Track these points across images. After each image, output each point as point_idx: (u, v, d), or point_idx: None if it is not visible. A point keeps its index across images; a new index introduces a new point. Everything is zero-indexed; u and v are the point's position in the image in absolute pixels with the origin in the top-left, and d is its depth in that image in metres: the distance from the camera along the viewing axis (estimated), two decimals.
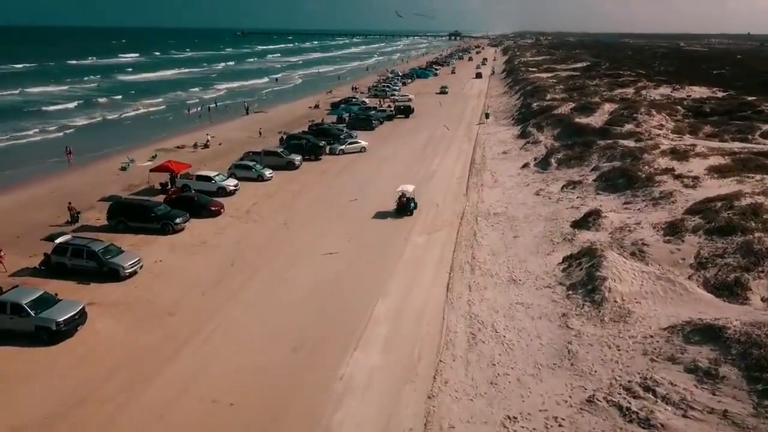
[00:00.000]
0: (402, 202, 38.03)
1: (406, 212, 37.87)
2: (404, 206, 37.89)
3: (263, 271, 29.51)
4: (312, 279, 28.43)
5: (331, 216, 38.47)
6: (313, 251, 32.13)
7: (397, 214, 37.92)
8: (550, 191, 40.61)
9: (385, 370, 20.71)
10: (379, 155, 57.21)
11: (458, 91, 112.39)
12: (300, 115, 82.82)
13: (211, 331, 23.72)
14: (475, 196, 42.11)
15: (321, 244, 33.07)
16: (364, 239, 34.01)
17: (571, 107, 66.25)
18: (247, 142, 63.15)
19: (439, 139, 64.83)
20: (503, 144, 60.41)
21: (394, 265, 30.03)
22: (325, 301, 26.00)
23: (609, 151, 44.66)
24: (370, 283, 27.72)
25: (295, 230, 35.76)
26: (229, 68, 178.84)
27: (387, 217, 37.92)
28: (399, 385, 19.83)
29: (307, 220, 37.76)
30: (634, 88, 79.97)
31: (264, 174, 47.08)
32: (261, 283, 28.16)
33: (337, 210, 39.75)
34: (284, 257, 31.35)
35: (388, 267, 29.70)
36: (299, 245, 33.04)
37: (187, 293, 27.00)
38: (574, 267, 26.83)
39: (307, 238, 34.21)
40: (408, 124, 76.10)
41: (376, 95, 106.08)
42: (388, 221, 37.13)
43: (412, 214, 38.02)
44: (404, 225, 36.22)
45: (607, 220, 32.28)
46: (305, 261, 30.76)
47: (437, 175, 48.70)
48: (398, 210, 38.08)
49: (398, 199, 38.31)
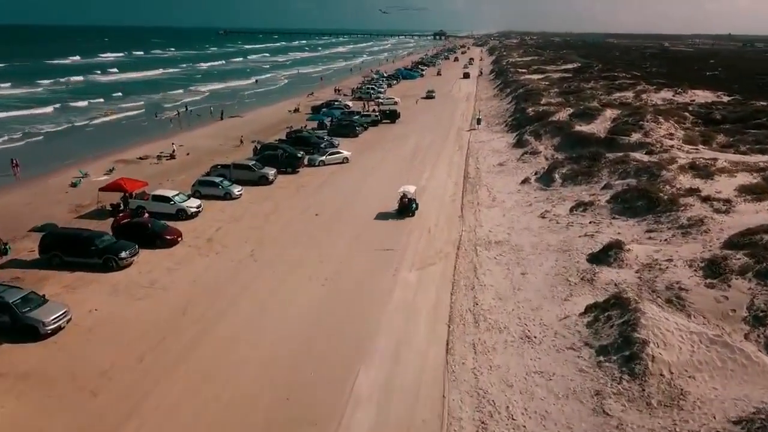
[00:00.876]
0: (404, 203, 37.69)
1: (407, 213, 37.48)
2: (406, 207, 37.53)
3: (220, 325, 24.10)
4: (277, 337, 23.06)
5: (306, 243, 33.17)
6: (281, 294, 26.81)
7: (398, 215, 37.55)
8: (557, 213, 35.66)
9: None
10: (363, 167, 51.98)
11: (446, 93, 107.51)
12: (278, 120, 77.28)
13: (144, 418, 18.33)
14: (471, 218, 37.06)
15: (291, 285, 27.76)
16: (345, 276, 28.75)
17: (569, 113, 61.55)
18: (218, 152, 57.61)
19: (427, 148, 59.75)
20: (498, 154, 55.47)
21: (379, 313, 24.80)
22: (293, 373, 20.66)
23: (621, 166, 39.83)
24: (350, 342, 22.44)
25: (263, 263, 30.40)
26: (215, 68, 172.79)
27: (371, 247, 32.72)
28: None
29: (278, 249, 32.41)
30: (634, 91, 75.55)
31: (232, 192, 41.60)
32: (215, 343, 22.75)
33: (315, 235, 34.47)
34: (247, 303, 25.95)
35: (373, 317, 24.47)
36: (266, 287, 27.66)
37: (122, 358, 21.52)
38: (602, 322, 21.81)
39: (276, 276, 28.85)
40: (394, 130, 70.92)
41: (360, 98, 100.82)
42: (372, 250, 31.90)
43: (414, 215, 37.50)
44: (392, 258, 31.02)
45: (630, 254, 27.36)
46: (271, 310, 25.42)
47: (428, 191, 43.58)
48: (400, 211, 37.73)
49: (400, 199, 37.94)
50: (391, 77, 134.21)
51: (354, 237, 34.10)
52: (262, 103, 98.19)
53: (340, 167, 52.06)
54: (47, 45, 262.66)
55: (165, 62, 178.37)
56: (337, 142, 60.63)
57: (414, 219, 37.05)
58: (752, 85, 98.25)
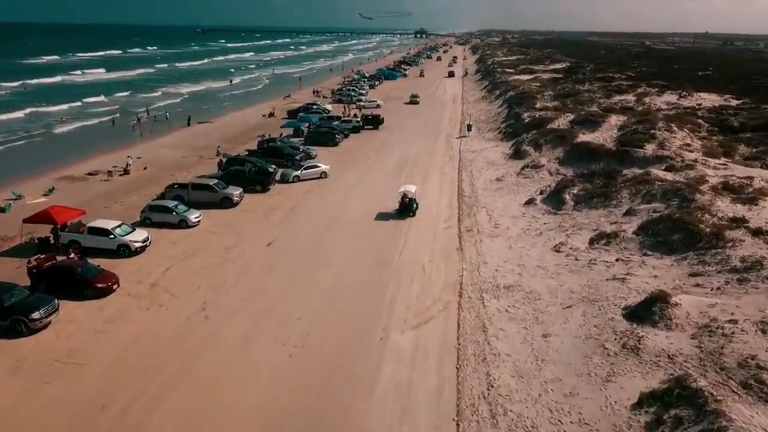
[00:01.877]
0: (404, 202, 36.99)
1: (408, 213, 36.80)
2: (407, 207, 36.88)
3: (148, 426, 17.90)
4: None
5: (274, 289, 27.05)
6: (235, 372, 20.67)
7: (399, 215, 36.87)
8: (574, 247, 29.94)
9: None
10: (343, 183, 45.87)
11: (430, 95, 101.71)
12: (250, 126, 70.81)
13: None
14: (472, 251, 31.20)
15: (251, 356, 21.62)
16: (321, 339, 22.69)
17: (569, 119, 56.10)
18: (181, 165, 51.14)
19: (415, 159, 53.82)
20: (494, 167, 49.76)
21: (365, 405, 18.75)
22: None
23: (643, 187, 34.26)
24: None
25: (217, 320, 24.21)
26: (194, 68, 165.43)
27: (355, 295, 26.70)
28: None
29: (238, 299, 26.24)
30: (634, 94, 70.41)
31: (188, 218, 35.25)
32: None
33: (284, 277, 28.36)
34: (189, 389, 19.70)
35: (355, 412, 18.45)
36: (217, 359, 21.48)
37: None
38: (668, 426, 16.05)
39: (232, 340, 22.69)
40: (378, 138, 64.88)
41: (340, 100, 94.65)
42: (354, 303, 25.88)
43: (415, 215, 36.86)
44: (380, 310, 25.01)
45: (680, 311, 21.71)
46: (220, 398, 19.26)
47: (419, 215, 37.68)
48: (400, 211, 37.08)
49: (401, 199, 37.32)
50: (373, 78, 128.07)
51: (333, 280, 28.04)
52: (236, 106, 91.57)
53: (318, 183, 45.91)
54: (19, 44, 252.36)
55: (143, 62, 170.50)
56: (314, 153, 54.49)
57: (406, 254, 31.12)
58: (748, 86, 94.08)
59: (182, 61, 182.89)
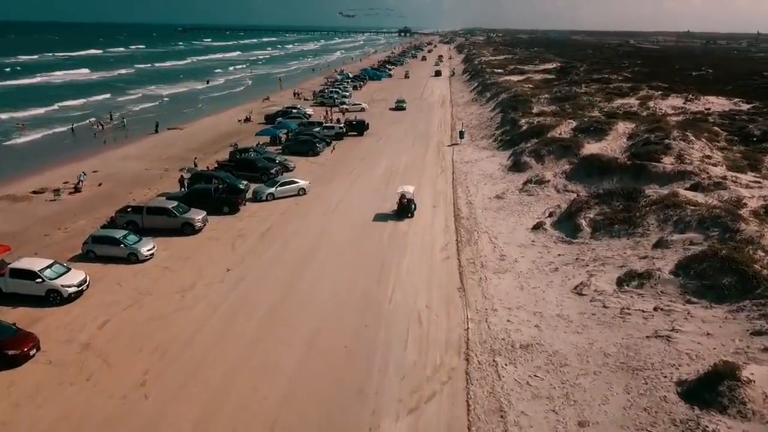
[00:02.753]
0: (403, 203, 36.33)
1: (407, 214, 36.16)
2: (405, 207, 36.21)
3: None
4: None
5: (236, 352, 21.75)
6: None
7: (397, 216, 36.22)
8: (599, 288, 24.97)
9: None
10: (324, 201, 40.61)
11: (418, 98, 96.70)
12: (223, 133, 65.27)
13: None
14: (477, 291, 26.13)
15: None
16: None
17: (572, 127, 51.35)
18: (142, 180, 45.63)
19: (405, 171, 48.66)
20: (492, 180, 44.77)
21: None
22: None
23: (673, 212, 29.37)
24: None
25: (160, 402, 18.85)
26: (177, 67, 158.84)
27: (336, 358, 21.49)
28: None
29: (190, 365, 20.92)
30: (637, 98, 65.80)
31: (139, 251, 29.74)
32: None
33: (249, 331, 23.07)
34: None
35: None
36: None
37: None
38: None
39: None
40: (363, 146, 59.66)
41: (322, 103, 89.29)
42: (335, 374, 20.66)
43: (413, 216, 36.16)
44: (368, 385, 19.83)
45: (755, 391, 16.84)
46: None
47: (411, 240, 32.62)
48: (399, 212, 36.40)
49: (399, 200, 36.65)
50: (357, 78, 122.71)
51: (310, 337, 22.79)
52: (211, 110, 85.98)
53: (295, 202, 40.60)
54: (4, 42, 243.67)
55: (124, 61, 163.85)
56: (292, 165, 49.14)
57: (397, 296, 25.99)
58: (751, 88, 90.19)
59: (164, 60, 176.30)
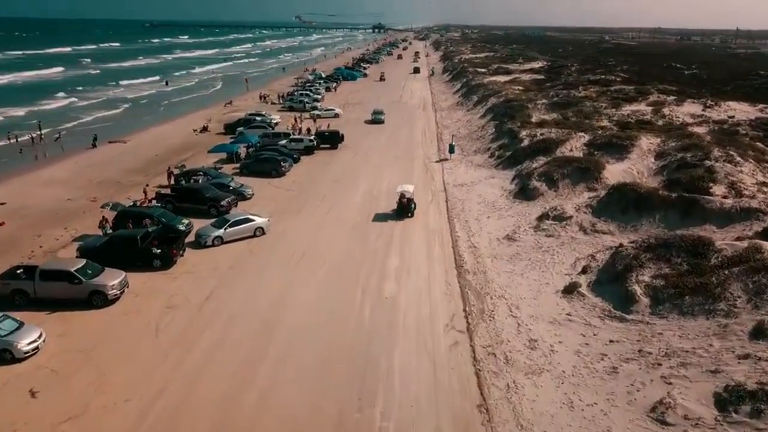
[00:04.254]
0: (403, 203, 35.13)
1: (407, 213, 35.01)
2: (406, 207, 35.01)
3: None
4: None
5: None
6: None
7: (397, 216, 34.96)
8: (691, 415, 16.63)
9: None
10: (287, 245, 31.69)
11: (396, 102, 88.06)
12: (174, 147, 55.85)
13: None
14: (509, 416, 17.63)
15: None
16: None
17: (584, 141, 43.33)
18: (60, 215, 36.15)
19: (387, 197, 39.95)
20: (495, 211, 36.40)
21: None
22: None
23: (766, 278, 21.24)
24: None
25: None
26: (136, 66, 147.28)
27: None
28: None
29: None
30: (647, 104, 58.00)
31: (15, 346, 20.47)
32: None
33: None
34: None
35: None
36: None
37: None
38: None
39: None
40: (336, 163, 50.81)
41: (291, 108, 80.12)
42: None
43: (413, 216, 35.00)
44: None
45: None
46: None
47: (403, 317, 23.98)
48: (398, 212, 35.21)
49: (398, 200, 35.43)
50: (330, 79, 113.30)
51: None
52: (165, 117, 76.00)
53: (250, 247, 31.64)
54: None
55: (66, 61, 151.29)
56: (249, 192, 40.09)
57: (390, 427, 17.39)
58: (753, 89, 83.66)
59: (122, 59, 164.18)
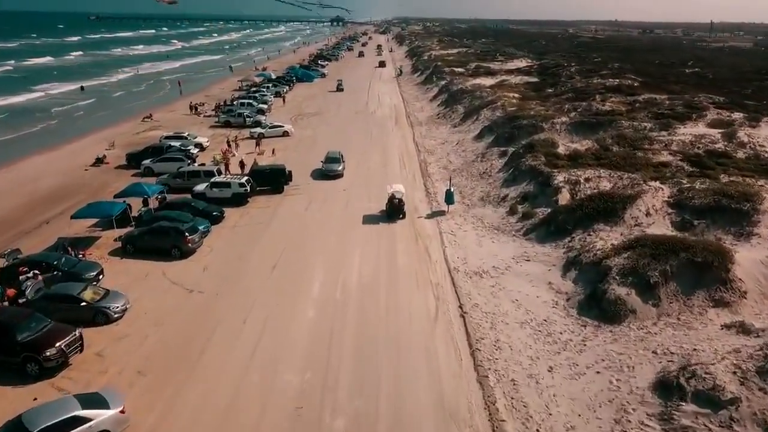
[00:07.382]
0: (394, 204, 33.19)
1: (398, 215, 33.29)
2: (397, 208, 33.24)
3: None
4: None
5: None
6: None
7: (388, 218, 32.99)
8: None
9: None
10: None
11: (362, 111, 71.30)
12: (43, 195, 37.86)
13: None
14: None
15: None
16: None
17: (665, 197, 27.53)
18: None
19: (359, 315, 23.26)
20: (561, 353, 20.10)
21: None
22: None
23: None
24: None
25: None
26: (50, 65, 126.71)
27: None
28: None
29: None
30: (708, 123, 42.33)
31: None
32: None
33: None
34: None
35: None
36: None
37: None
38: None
39: None
40: (278, 224, 33.63)
41: (227, 122, 62.27)
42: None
43: (404, 217, 32.74)
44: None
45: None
46: None
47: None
48: (389, 213, 33.36)
49: (389, 201, 33.42)
50: (282, 81, 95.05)
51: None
52: (56, 138, 57.04)
53: None
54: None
55: None
56: (115, 311, 22.66)
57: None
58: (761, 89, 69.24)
59: (36, 55, 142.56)
